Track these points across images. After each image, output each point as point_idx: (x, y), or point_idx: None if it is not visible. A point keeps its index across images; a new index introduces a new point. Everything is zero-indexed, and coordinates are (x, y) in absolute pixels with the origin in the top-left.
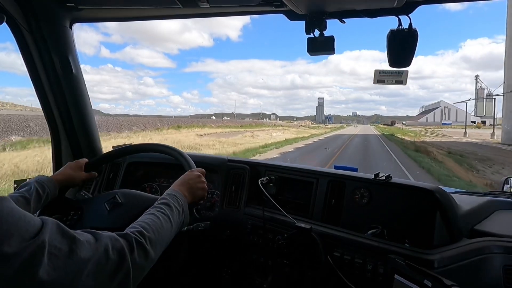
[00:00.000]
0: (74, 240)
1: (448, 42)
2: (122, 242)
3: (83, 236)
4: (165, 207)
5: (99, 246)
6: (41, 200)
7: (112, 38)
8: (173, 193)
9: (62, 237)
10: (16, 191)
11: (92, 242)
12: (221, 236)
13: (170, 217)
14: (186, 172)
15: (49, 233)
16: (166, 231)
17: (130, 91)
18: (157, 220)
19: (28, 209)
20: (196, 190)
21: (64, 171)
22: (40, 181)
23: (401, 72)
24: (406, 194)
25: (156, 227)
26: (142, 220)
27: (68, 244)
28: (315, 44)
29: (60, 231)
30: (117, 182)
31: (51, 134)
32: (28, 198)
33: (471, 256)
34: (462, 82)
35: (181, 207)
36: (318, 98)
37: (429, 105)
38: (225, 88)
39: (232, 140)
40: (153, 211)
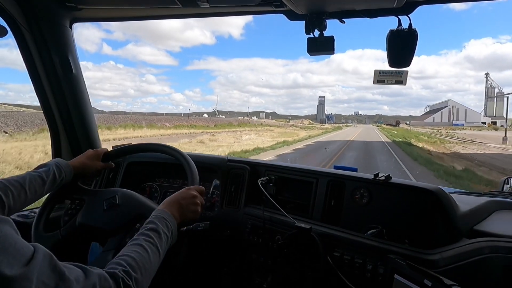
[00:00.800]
0: (63, 277)
1: (452, 42)
2: (110, 283)
3: (73, 274)
4: (154, 235)
5: (86, 285)
6: (56, 183)
7: (114, 35)
8: (162, 215)
9: (51, 272)
10: (35, 170)
11: (81, 280)
12: (221, 236)
13: (159, 246)
14: (183, 189)
15: (39, 266)
16: (153, 265)
17: (132, 89)
18: (145, 254)
19: (42, 190)
20: (187, 212)
21: (81, 159)
22: (59, 164)
23: (401, 72)
24: (406, 194)
25: (144, 263)
26: (130, 254)
27: (56, 282)
28: (315, 44)
29: (51, 265)
30: (117, 182)
31: (50, 134)
32: (44, 179)
33: (471, 256)
34: (466, 82)
35: (170, 231)
36: (319, 96)
37: (435, 104)
38: (227, 87)
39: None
40: (141, 240)
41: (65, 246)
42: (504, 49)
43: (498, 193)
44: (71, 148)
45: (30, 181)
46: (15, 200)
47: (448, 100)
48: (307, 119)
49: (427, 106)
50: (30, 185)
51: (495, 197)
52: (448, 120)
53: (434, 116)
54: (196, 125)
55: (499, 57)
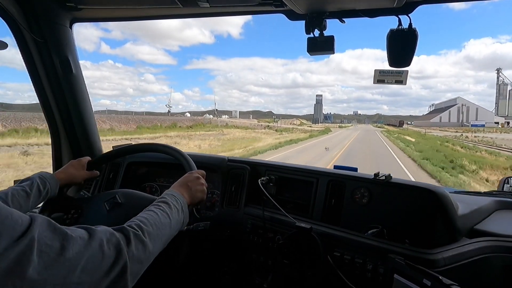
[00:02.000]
0: (66, 236)
1: (452, 42)
2: (118, 236)
3: (76, 232)
4: (164, 205)
5: (93, 242)
6: (41, 195)
7: (112, 34)
8: (172, 193)
9: (53, 234)
10: (18, 184)
11: (85, 237)
12: (221, 236)
13: (169, 214)
14: (186, 173)
15: (39, 230)
16: (164, 226)
17: (131, 88)
18: (155, 216)
19: (27, 204)
20: (195, 192)
21: (66, 169)
22: (43, 177)
23: (401, 72)
24: (406, 194)
25: (154, 221)
26: (140, 215)
27: (60, 241)
28: (315, 44)
29: (51, 227)
30: (117, 182)
31: (51, 134)
32: (28, 193)
33: (471, 256)
34: (465, 82)
35: (180, 206)
36: (316, 95)
37: (440, 103)
38: (226, 86)
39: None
40: (151, 207)
41: None
42: (504, 49)
43: (498, 193)
44: (71, 148)
45: (13, 195)
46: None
47: (457, 98)
48: (302, 118)
49: (431, 105)
50: (13, 199)
51: (495, 197)
52: (457, 120)
53: (441, 115)
54: (143, 126)
55: (499, 57)
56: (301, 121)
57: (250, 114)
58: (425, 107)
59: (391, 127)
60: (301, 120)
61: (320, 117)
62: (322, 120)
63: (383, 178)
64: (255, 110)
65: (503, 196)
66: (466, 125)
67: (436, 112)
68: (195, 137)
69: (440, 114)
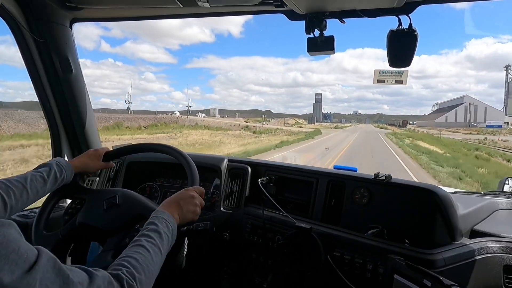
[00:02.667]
0: (67, 281)
1: (453, 41)
2: (115, 286)
3: (77, 277)
4: (156, 236)
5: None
6: (57, 182)
7: (112, 33)
8: (162, 215)
9: (55, 277)
10: (36, 170)
11: (85, 284)
12: (221, 236)
13: (160, 247)
14: (182, 189)
15: (43, 270)
16: (155, 265)
17: (131, 86)
18: (147, 255)
19: (44, 189)
20: (186, 213)
21: (82, 159)
22: (60, 164)
23: (401, 72)
24: (406, 194)
25: (147, 263)
26: (132, 255)
27: (60, 286)
28: (315, 44)
29: (55, 269)
30: (119, 181)
31: (50, 133)
32: (45, 179)
33: (471, 256)
34: (466, 82)
35: (171, 231)
36: (315, 94)
37: (445, 102)
38: (227, 85)
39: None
40: (143, 241)
41: (65, 245)
42: (505, 48)
43: (498, 193)
44: (71, 148)
45: (31, 180)
46: (17, 200)
47: (464, 96)
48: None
49: (434, 104)
50: (31, 184)
51: (495, 197)
52: (465, 120)
53: (447, 115)
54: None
55: (500, 57)
56: (296, 120)
57: (237, 113)
58: (426, 107)
59: (394, 128)
60: (296, 120)
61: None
62: (321, 120)
63: (383, 178)
64: (254, 109)
65: (503, 196)
66: (474, 125)
67: (440, 112)
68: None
69: (445, 113)
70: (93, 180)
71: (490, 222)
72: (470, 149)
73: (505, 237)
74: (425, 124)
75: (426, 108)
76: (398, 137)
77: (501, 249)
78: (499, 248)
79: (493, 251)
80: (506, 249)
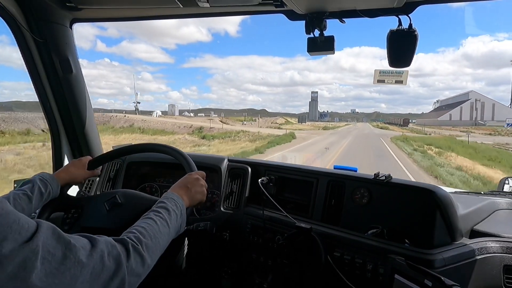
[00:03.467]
0: (69, 245)
1: (449, 39)
2: (118, 248)
3: (79, 242)
4: (163, 211)
5: (94, 252)
6: (43, 198)
7: (108, 32)
8: (171, 196)
9: (57, 242)
10: (19, 189)
11: (87, 247)
12: (221, 236)
13: (168, 221)
14: (186, 175)
15: (44, 237)
16: (163, 236)
17: (128, 87)
18: (155, 225)
19: (30, 207)
20: (195, 194)
21: (66, 169)
22: (44, 178)
23: (401, 72)
24: (406, 194)
25: (154, 232)
26: (140, 224)
27: (63, 250)
28: (315, 44)
29: (55, 235)
30: (118, 182)
31: (50, 134)
32: (30, 196)
33: (471, 256)
34: (463, 80)
35: (179, 210)
36: (311, 92)
37: (448, 99)
38: (224, 85)
39: None
40: (151, 215)
41: None
42: (502, 46)
43: (498, 193)
44: (71, 147)
45: (14, 199)
46: None
47: (470, 92)
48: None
49: (435, 102)
50: (15, 203)
51: (495, 197)
52: (470, 118)
53: (451, 112)
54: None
55: (496, 55)
56: (287, 119)
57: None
58: (424, 105)
59: (395, 128)
60: (286, 119)
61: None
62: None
63: (383, 178)
64: (250, 109)
65: (503, 196)
66: (481, 123)
67: (444, 109)
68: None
69: (448, 111)
70: (93, 181)
71: (490, 222)
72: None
73: (505, 237)
74: (427, 122)
75: (423, 106)
76: (412, 145)
77: (501, 249)
78: (499, 248)
79: (493, 251)
80: (506, 249)
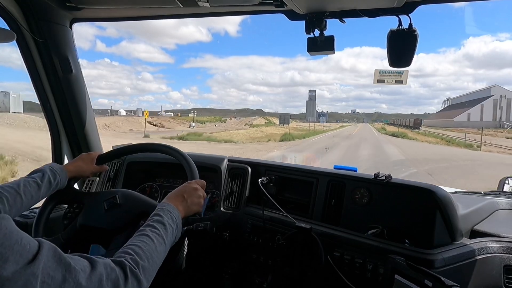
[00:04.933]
0: (69, 268)
1: (451, 40)
2: (117, 271)
3: (79, 264)
4: (160, 227)
5: (93, 276)
6: (51, 187)
7: (107, 32)
8: (167, 207)
9: (57, 265)
10: (29, 175)
11: (87, 270)
12: (221, 236)
13: (164, 237)
14: (184, 183)
15: (44, 260)
16: (159, 255)
17: (128, 87)
18: (151, 244)
19: (38, 195)
20: (191, 205)
21: (76, 163)
22: (54, 169)
23: (401, 72)
24: (406, 194)
25: (150, 252)
26: (136, 243)
27: (62, 273)
28: (315, 44)
29: (56, 257)
30: (118, 182)
31: (50, 134)
32: (39, 184)
33: (471, 256)
34: (464, 80)
35: (175, 223)
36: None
37: (461, 96)
38: (225, 85)
39: None
40: (147, 231)
41: (67, 249)
42: (503, 46)
43: (498, 193)
44: (71, 147)
45: (24, 186)
46: (10, 206)
47: (492, 87)
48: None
49: (446, 100)
50: (25, 190)
51: (495, 197)
52: (494, 118)
53: (470, 111)
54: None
55: (498, 55)
56: (268, 120)
57: (170, 113)
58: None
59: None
60: (268, 119)
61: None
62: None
63: (383, 178)
64: (246, 109)
65: (503, 196)
66: (509, 124)
67: (456, 108)
68: None
69: (466, 109)
70: (93, 181)
71: (490, 222)
72: None
73: (505, 237)
74: (440, 124)
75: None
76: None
77: (501, 249)
78: (499, 248)
79: (493, 251)
80: (506, 249)
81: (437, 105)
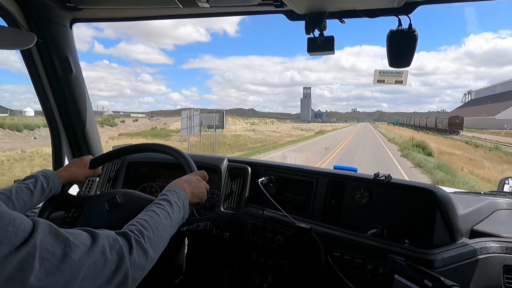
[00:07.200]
0: (68, 242)
1: (451, 38)
2: (120, 242)
3: (78, 238)
4: (165, 203)
5: (95, 248)
6: (44, 193)
7: (104, 33)
8: (173, 189)
9: (55, 240)
10: (21, 182)
11: (88, 243)
12: (221, 236)
13: (170, 213)
14: (187, 174)
15: (41, 236)
16: (165, 228)
17: (128, 88)
18: (157, 217)
19: (31, 201)
20: (196, 192)
21: (68, 168)
22: (46, 174)
23: (401, 72)
24: (406, 194)
25: (156, 224)
26: (141, 217)
27: (62, 248)
28: (315, 44)
29: (53, 233)
30: (118, 182)
31: (51, 134)
32: (32, 190)
33: (471, 256)
34: (465, 78)
35: (182, 203)
36: (303, 87)
37: (486, 88)
38: (224, 85)
39: None
40: (153, 207)
41: None
42: (505, 44)
43: (498, 193)
44: (71, 148)
45: (17, 192)
46: None
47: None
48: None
49: (467, 93)
50: (17, 196)
51: (495, 197)
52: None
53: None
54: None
55: (499, 53)
56: (235, 120)
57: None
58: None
59: (447, 142)
60: (236, 119)
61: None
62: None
63: (383, 178)
64: (237, 108)
65: (503, 196)
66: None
67: (484, 103)
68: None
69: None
70: (93, 181)
71: (490, 222)
72: None
73: (505, 237)
74: (473, 124)
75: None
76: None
77: (501, 249)
78: (499, 248)
79: (493, 251)
80: (506, 249)
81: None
